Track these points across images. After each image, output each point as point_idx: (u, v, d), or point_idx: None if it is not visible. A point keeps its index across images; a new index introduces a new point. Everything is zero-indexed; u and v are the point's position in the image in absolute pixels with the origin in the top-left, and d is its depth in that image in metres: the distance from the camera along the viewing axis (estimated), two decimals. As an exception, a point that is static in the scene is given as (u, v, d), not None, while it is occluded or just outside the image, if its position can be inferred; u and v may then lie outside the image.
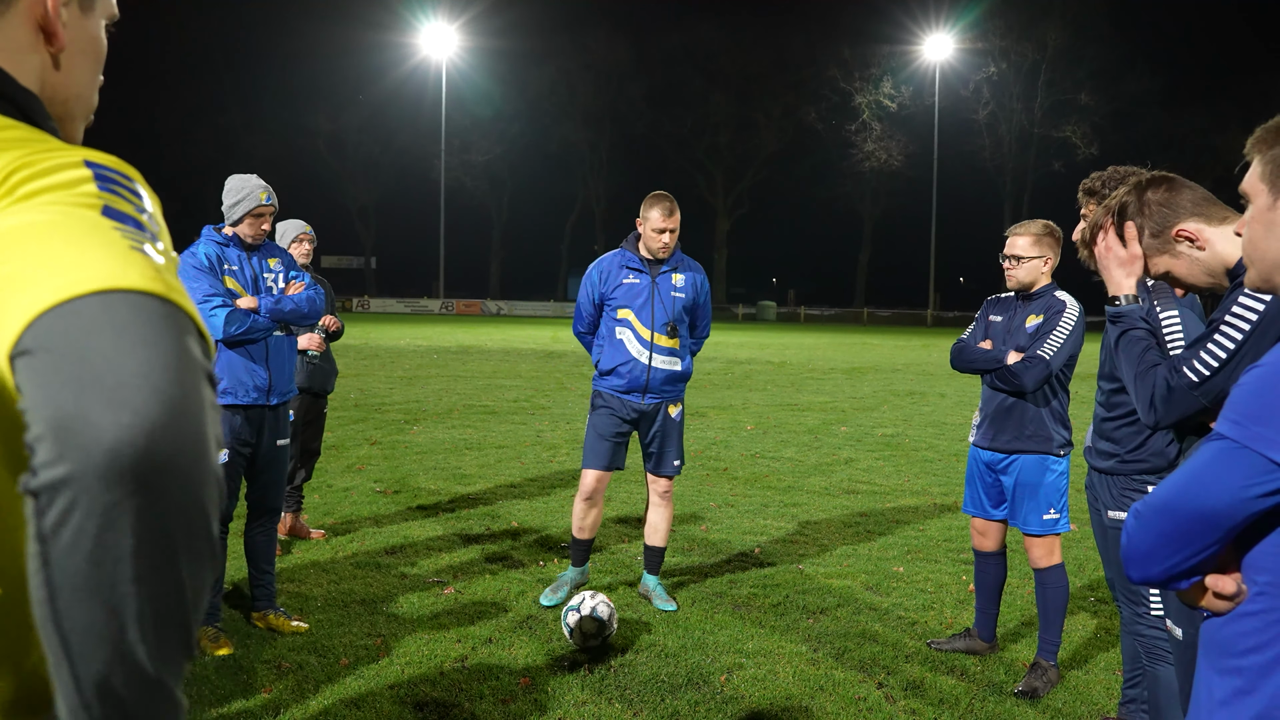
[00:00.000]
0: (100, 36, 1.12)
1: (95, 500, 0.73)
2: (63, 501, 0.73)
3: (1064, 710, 4.05)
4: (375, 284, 75.45)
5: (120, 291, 0.78)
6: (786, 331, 45.37)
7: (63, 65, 1.07)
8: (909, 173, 65.99)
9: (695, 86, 69.32)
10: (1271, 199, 1.42)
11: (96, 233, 0.83)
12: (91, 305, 0.77)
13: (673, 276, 5.26)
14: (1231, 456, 1.29)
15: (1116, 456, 3.45)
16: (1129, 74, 60.37)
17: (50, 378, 0.74)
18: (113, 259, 0.81)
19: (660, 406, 5.28)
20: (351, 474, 8.50)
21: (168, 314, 0.79)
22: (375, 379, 16.90)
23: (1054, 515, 4.35)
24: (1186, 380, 2.28)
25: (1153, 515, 1.38)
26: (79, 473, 0.73)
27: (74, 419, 0.73)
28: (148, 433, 0.74)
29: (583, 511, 5.35)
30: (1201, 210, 2.30)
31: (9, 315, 0.78)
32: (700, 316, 5.43)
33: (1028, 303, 4.41)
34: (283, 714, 3.79)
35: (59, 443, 0.73)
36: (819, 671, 4.35)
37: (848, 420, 13.11)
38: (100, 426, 0.73)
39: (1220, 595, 1.37)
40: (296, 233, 6.21)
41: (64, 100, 1.08)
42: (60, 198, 0.86)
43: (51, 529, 0.73)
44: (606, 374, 5.27)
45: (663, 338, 5.20)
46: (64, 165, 0.90)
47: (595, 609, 4.43)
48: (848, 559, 6.20)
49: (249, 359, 4.50)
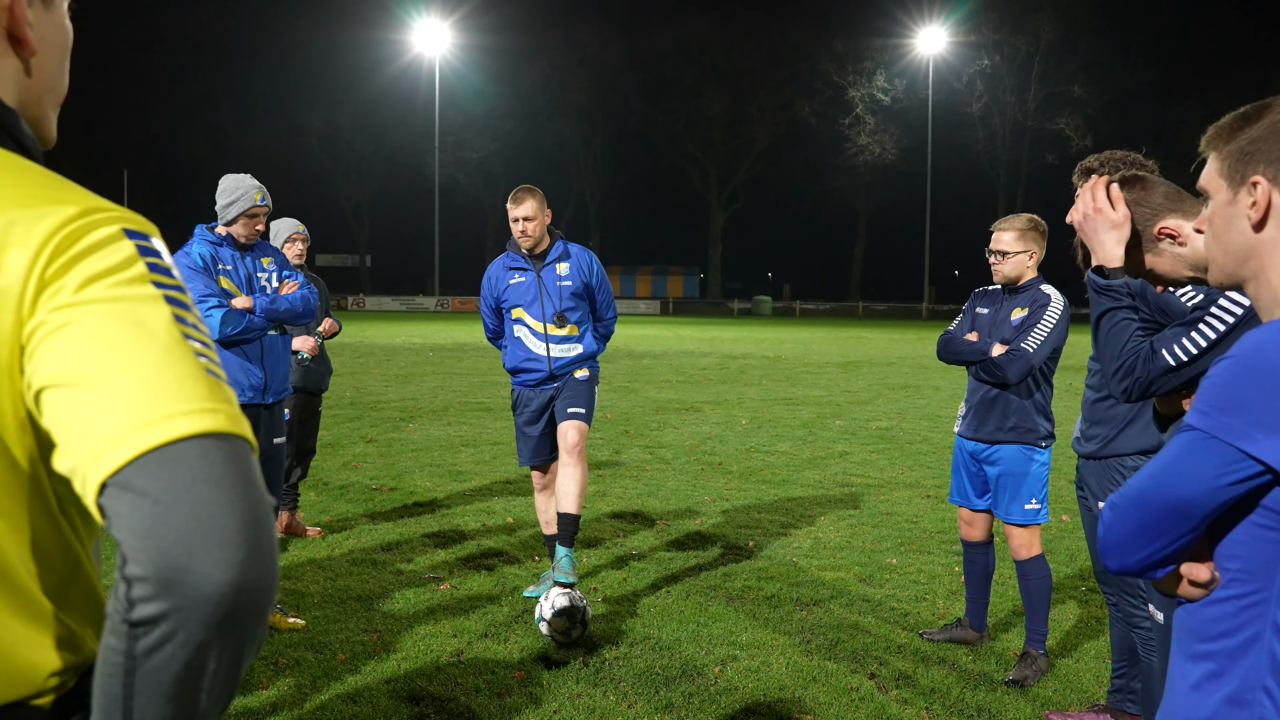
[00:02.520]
0: (66, 25, 1.11)
1: (192, 638, 0.83)
2: (159, 634, 0.83)
3: (1054, 699, 4.10)
4: (370, 282, 75.40)
5: (213, 437, 0.87)
6: (781, 326, 45.40)
7: (34, 68, 1.07)
8: (903, 166, 66.02)
9: (688, 81, 69.30)
10: (1230, 194, 1.45)
11: (177, 349, 0.90)
12: (190, 453, 0.85)
13: (557, 267, 5.29)
14: (1202, 447, 1.32)
15: (1104, 439, 3.48)
16: (1122, 65, 60.44)
17: (156, 527, 0.82)
18: (198, 393, 0.88)
19: (566, 379, 5.32)
20: (347, 471, 8.53)
21: (245, 455, 0.88)
22: (370, 377, 16.91)
23: (1035, 506, 4.40)
24: (1164, 363, 2.32)
25: (1127, 506, 1.42)
26: (180, 615, 0.82)
27: (181, 571, 0.82)
28: (241, 584, 0.83)
29: (542, 505, 5.49)
30: (1177, 205, 2.32)
31: (109, 439, 0.85)
32: (599, 299, 5.42)
33: (1013, 296, 4.45)
34: (280, 710, 3.82)
35: (163, 588, 0.82)
36: (812, 662, 4.39)
37: (842, 414, 13.15)
38: (204, 577, 0.82)
39: (1194, 582, 1.41)
40: (290, 232, 6.22)
41: (37, 100, 1.09)
42: (122, 291, 0.91)
43: (143, 653, 0.83)
44: (515, 372, 5.39)
45: (554, 328, 5.26)
46: (108, 240, 0.94)
47: (555, 604, 4.47)
48: (841, 551, 6.24)
49: (244, 358, 4.53)
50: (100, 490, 0.85)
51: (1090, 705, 4.01)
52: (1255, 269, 1.42)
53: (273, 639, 4.50)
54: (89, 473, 0.85)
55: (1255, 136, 1.41)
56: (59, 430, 0.89)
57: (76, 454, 0.87)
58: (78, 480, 0.88)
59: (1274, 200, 1.39)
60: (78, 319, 0.89)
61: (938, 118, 63.13)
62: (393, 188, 74.12)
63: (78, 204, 0.95)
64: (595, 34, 68.92)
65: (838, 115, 66.46)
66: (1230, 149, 1.44)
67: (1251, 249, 1.42)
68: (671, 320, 50.03)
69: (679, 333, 35.38)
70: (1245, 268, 1.44)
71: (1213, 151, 1.48)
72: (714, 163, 70.92)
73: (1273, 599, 1.32)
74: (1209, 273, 1.52)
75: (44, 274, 0.91)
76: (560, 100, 70.80)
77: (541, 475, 5.48)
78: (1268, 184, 1.39)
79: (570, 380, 5.32)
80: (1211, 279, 1.52)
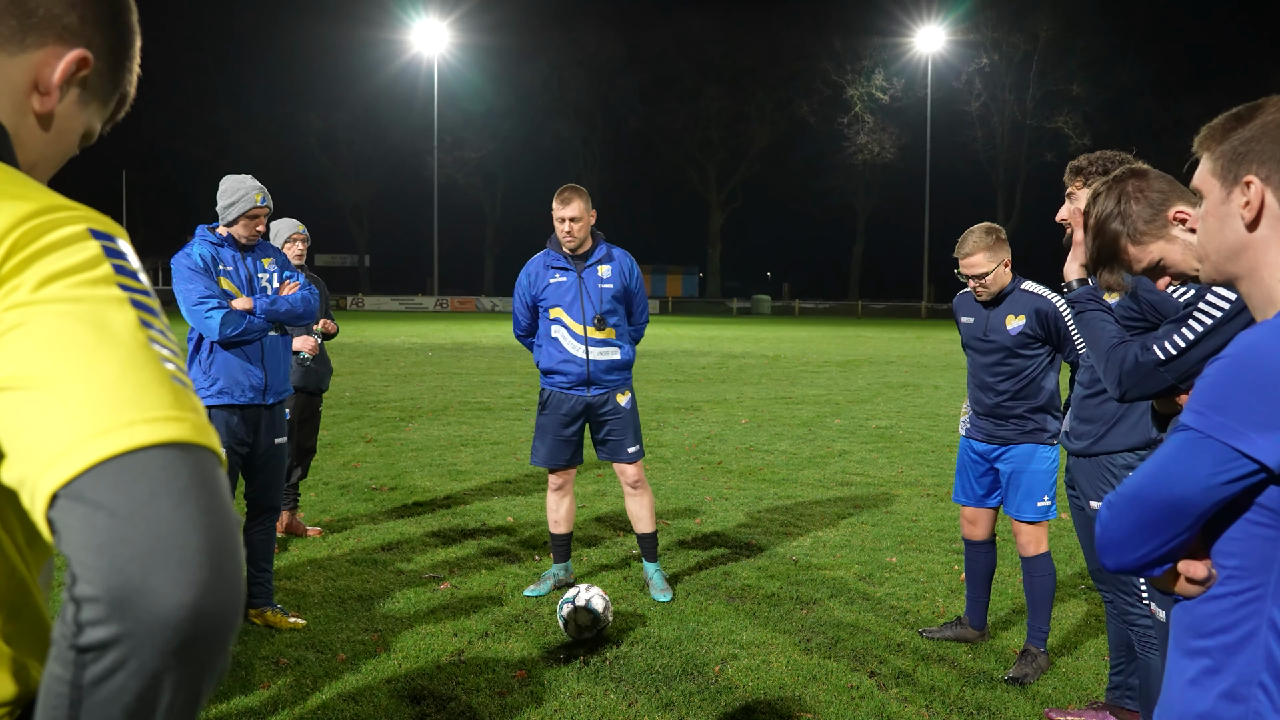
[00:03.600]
0: (76, 129, 1.12)
1: (145, 666, 0.75)
2: (109, 661, 0.75)
3: (1053, 696, 4.11)
4: (369, 282, 75.36)
5: (178, 447, 0.80)
6: (781, 325, 45.41)
7: (43, 127, 1.07)
8: (902, 165, 66.02)
9: (687, 81, 69.26)
10: (1224, 194, 1.46)
11: (141, 354, 0.84)
12: (152, 464, 0.78)
13: (599, 269, 5.28)
14: (1197, 446, 1.33)
15: (1094, 436, 3.49)
16: (1120, 64, 60.45)
17: (111, 543, 0.75)
18: (162, 400, 0.82)
19: (608, 397, 5.31)
20: (347, 471, 8.54)
21: (211, 468, 0.81)
22: (370, 377, 16.92)
23: (1045, 503, 4.39)
24: (1154, 357, 2.37)
25: (1124, 505, 1.43)
26: (133, 640, 0.75)
27: (136, 592, 0.74)
28: (201, 607, 0.76)
29: (554, 504, 5.44)
30: (1184, 195, 2.35)
31: (63, 447, 0.78)
32: (635, 304, 5.44)
33: (999, 303, 4.41)
34: (281, 709, 3.83)
35: (116, 610, 0.74)
36: (812, 661, 4.41)
37: (842, 413, 13.16)
38: (161, 598, 0.75)
39: (1191, 580, 1.42)
40: (290, 232, 6.23)
41: (29, 158, 1.09)
42: (85, 292, 0.85)
43: (91, 683, 0.75)
44: (549, 373, 5.33)
45: (594, 330, 5.24)
46: (71, 239, 0.89)
47: (590, 601, 4.47)
48: (841, 550, 6.25)
49: (244, 359, 4.53)
50: (50, 502, 0.78)
51: (1090, 703, 4.02)
52: (1248, 267, 1.44)
53: (274, 638, 4.52)
54: (39, 482, 0.78)
55: (1248, 137, 1.43)
56: (7, 437, 0.82)
57: (25, 462, 0.80)
58: (25, 492, 0.81)
59: (1267, 199, 1.41)
60: (33, 318, 0.82)
61: (936, 116, 63.16)
62: (392, 187, 74.12)
63: (37, 201, 0.90)
64: (594, 33, 68.93)
65: (836, 114, 66.46)
66: (1223, 149, 1.46)
67: (1245, 248, 1.44)
68: (671, 319, 50.05)
69: (678, 332, 35.39)
70: (1239, 266, 1.45)
71: (1206, 152, 1.49)
72: (713, 162, 70.92)
73: (1269, 595, 1.33)
74: (1201, 270, 1.53)
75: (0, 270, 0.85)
76: (559, 99, 70.77)
77: (558, 476, 5.43)
78: (1260, 183, 1.41)
79: (615, 408, 5.30)
80: (1204, 277, 1.54)
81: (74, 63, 1.05)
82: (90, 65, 1.07)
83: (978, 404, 4.50)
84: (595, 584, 5.43)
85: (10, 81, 1.04)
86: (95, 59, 1.08)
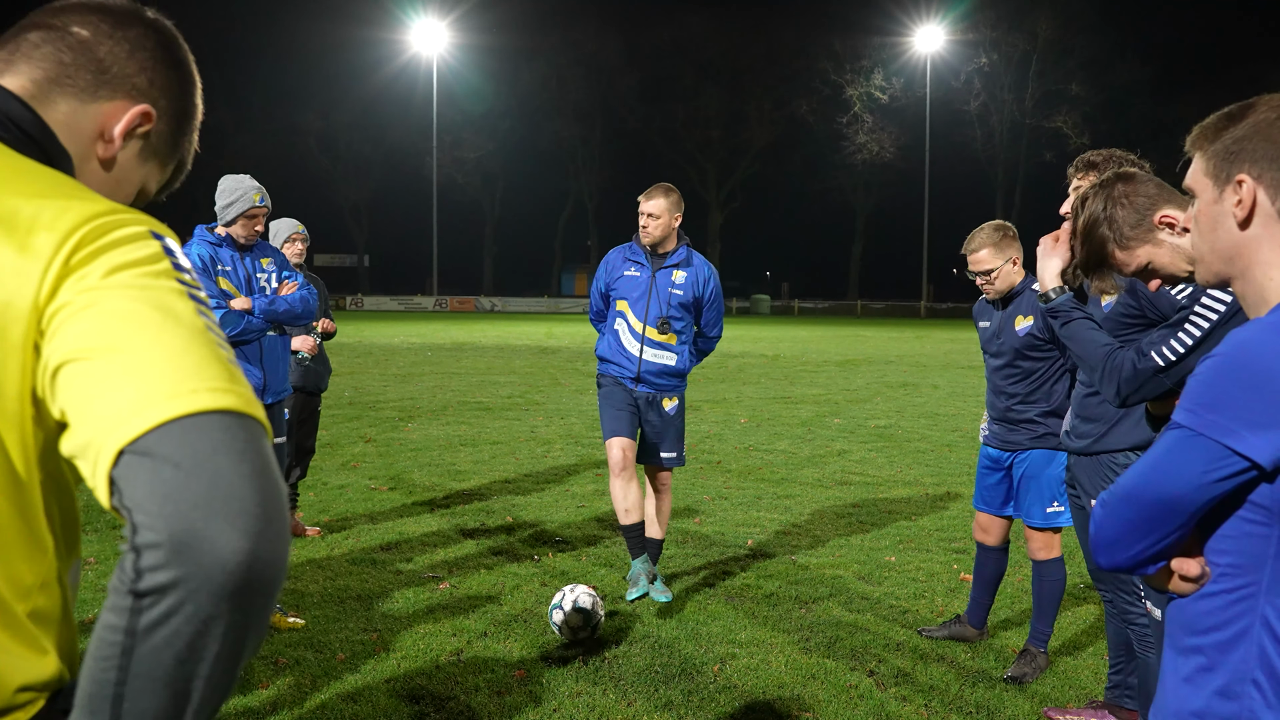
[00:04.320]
0: (134, 180, 1.22)
1: (200, 610, 0.81)
2: (166, 605, 0.81)
3: (1052, 695, 4.11)
4: (369, 282, 75.34)
5: (235, 414, 0.88)
6: (780, 324, 45.42)
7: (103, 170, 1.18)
8: (901, 164, 66.03)
9: (686, 80, 69.30)
10: (1216, 193, 1.46)
11: (201, 336, 0.92)
12: (213, 425, 0.86)
13: (674, 273, 5.19)
14: (1189, 444, 1.34)
15: (1095, 436, 3.50)
16: (1119, 63, 60.46)
17: (178, 493, 0.82)
18: (221, 375, 0.90)
19: (655, 399, 5.26)
20: (346, 471, 8.54)
21: (263, 438, 0.89)
22: (369, 377, 16.92)
23: (1057, 508, 4.34)
24: (1152, 364, 2.37)
25: (1118, 504, 1.43)
26: (190, 584, 0.81)
27: (197, 537, 0.81)
28: (257, 557, 0.83)
29: (620, 491, 5.09)
30: (1172, 198, 2.35)
31: (132, 407, 0.86)
32: (707, 316, 5.34)
33: (1009, 303, 4.41)
34: (281, 709, 3.83)
35: (176, 554, 0.80)
36: (811, 660, 4.41)
37: (841, 412, 13.17)
38: (221, 547, 0.81)
39: (1185, 577, 1.42)
40: (289, 232, 6.23)
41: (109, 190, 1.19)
42: (149, 281, 0.94)
43: (146, 628, 0.81)
44: (604, 361, 5.30)
45: (654, 332, 5.18)
46: (135, 236, 0.98)
47: (578, 601, 4.47)
48: (840, 549, 6.26)
49: (243, 359, 4.54)
50: (115, 460, 0.84)
51: (1088, 702, 4.03)
52: (1241, 267, 1.44)
53: (272, 639, 4.52)
54: (105, 443, 0.85)
55: (1240, 136, 1.43)
56: (75, 403, 0.88)
57: (92, 426, 0.86)
58: (89, 456, 0.87)
59: (1259, 198, 1.41)
60: (104, 299, 0.91)
61: (935, 116, 63.20)
62: (391, 187, 74.13)
63: (104, 204, 0.99)
64: (593, 33, 68.95)
65: (836, 114, 66.50)
66: (1215, 148, 1.46)
67: (1237, 247, 1.44)
68: (670, 319, 49.97)
69: (677, 332, 35.34)
70: (1231, 266, 1.46)
71: (1198, 151, 1.50)
72: (712, 161, 70.93)
73: (1262, 593, 1.33)
74: (1195, 270, 1.54)
75: (69, 260, 0.93)
76: (558, 99, 70.78)
77: (620, 451, 5.10)
78: (1253, 182, 1.41)
79: (659, 410, 5.25)
80: (1198, 277, 1.54)
81: (137, 116, 1.17)
82: (153, 122, 1.19)
83: (992, 409, 4.50)
84: (596, 584, 5.44)
85: (80, 126, 1.15)
86: (158, 119, 1.19)
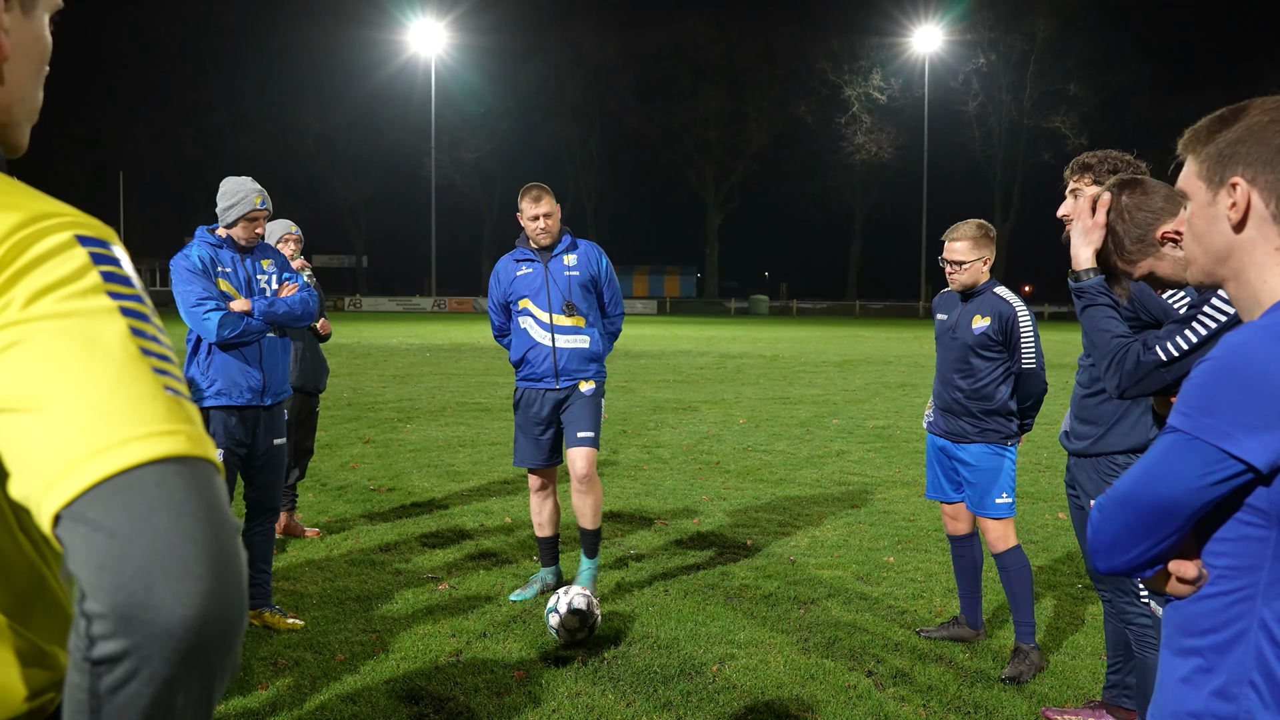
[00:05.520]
0: (45, 35, 1.06)
1: (156, 674, 0.78)
2: (121, 672, 0.78)
3: (1050, 695, 4.12)
4: (367, 282, 75.39)
5: (172, 461, 0.81)
6: (779, 325, 45.43)
7: (6, 74, 1.02)
8: (899, 165, 66.07)
9: (684, 81, 69.33)
10: (1209, 196, 1.47)
11: (132, 367, 0.84)
12: (147, 481, 0.80)
13: (564, 258, 5.33)
14: (1185, 448, 1.34)
15: (1094, 437, 3.51)
16: (1117, 63, 60.53)
17: (115, 563, 0.77)
18: (155, 414, 0.83)
19: (574, 387, 5.32)
20: (345, 472, 8.54)
21: (208, 478, 0.83)
22: (368, 378, 16.92)
23: (1006, 499, 4.49)
24: (1155, 358, 2.39)
25: (1115, 508, 1.44)
26: (141, 652, 0.77)
27: (139, 607, 0.77)
28: (205, 617, 0.78)
29: (537, 506, 5.43)
30: (1176, 209, 2.36)
31: (61, 469, 0.80)
32: (608, 294, 5.45)
33: (970, 301, 4.53)
34: (279, 710, 3.83)
35: (122, 624, 0.77)
36: (809, 660, 4.42)
37: (839, 413, 13.18)
38: (165, 612, 0.77)
39: (1183, 579, 1.43)
40: (282, 233, 6.21)
41: (7, 107, 1.03)
42: (74, 305, 0.85)
43: (108, 691, 0.78)
44: (519, 365, 5.36)
45: (562, 318, 5.26)
46: (58, 249, 0.88)
47: (572, 602, 4.48)
48: (839, 550, 6.26)
49: (243, 360, 4.54)
50: (54, 521, 0.80)
51: (1086, 701, 4.04)
52: (1235, 269, 1.45)
53: (272, 639, 4.52)
54: (42, 503, 0.81)
55: (1233, 139, 1.44)
56: (10, 457, 0.84)
57: (29, 482, 0.82)
58: (33, 508, 0.83)
59: (1253, 201, 1.42)
60: (26, 337, 0.83)
61: (934, 116, 63.18)
62: (389, 188, 74.19)
63: (24, 209, 0.88)
64: (591, 33, 68.99)
65: (834, 114, 66.50)
66: (1208, 151, 1.47)
67: (1231, 249, 1.45)
68: (668, 320, 50.06)
69: (676, 332, 35.40)
70: (1225, 268, 1.46)
71: (1190, 154, 1.50)
72: (710, 162, 70.92)
73: (1259, 595, 1.34)
74: (1189, 273, 1.54)
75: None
76: (556, 100, 70.81)
77: (538, 477, 5.44)
78: (1246, 185, 1.42)
79: (576, 395, 5.29)
80: (1191, 279, 1.55)
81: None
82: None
83: (939, 398, 4.64)
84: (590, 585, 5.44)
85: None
86: None
